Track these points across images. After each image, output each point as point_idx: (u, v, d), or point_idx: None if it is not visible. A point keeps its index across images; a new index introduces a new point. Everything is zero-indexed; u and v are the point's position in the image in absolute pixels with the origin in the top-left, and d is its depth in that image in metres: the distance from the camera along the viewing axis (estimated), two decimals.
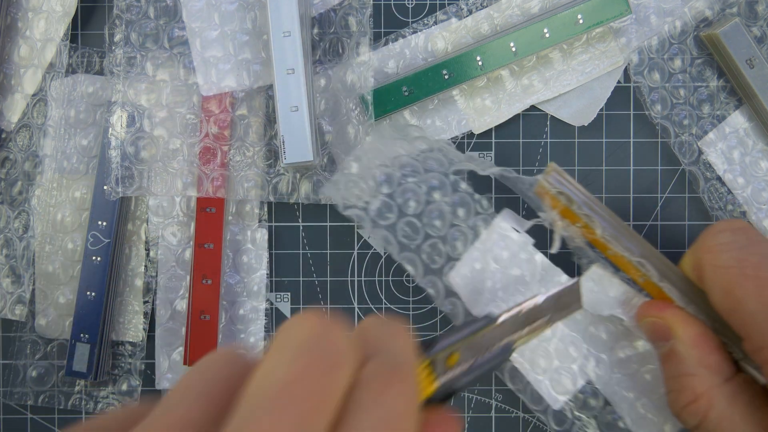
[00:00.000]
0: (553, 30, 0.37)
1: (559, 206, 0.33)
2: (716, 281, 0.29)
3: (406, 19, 0.40)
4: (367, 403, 0.20)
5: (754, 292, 0.28)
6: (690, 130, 0.39)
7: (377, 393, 0.20)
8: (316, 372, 0.19)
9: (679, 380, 0.30)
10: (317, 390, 0.19)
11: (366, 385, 0.20)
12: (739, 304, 0.28)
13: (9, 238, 0.40)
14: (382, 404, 0.20)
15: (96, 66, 0.40)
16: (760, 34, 0.39)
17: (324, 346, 0.20)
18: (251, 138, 0.39)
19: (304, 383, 0.19)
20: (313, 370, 0.19)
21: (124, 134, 0.39)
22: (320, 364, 0.19)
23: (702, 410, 0.29)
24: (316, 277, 0.40)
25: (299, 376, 0.19)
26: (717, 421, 0.29)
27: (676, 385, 0.30)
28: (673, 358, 0.30)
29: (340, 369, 0.20)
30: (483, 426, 0.40)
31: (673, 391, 0.30)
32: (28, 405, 0.40)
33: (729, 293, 0.28)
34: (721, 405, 0.29)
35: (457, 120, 0.40)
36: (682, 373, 0.30)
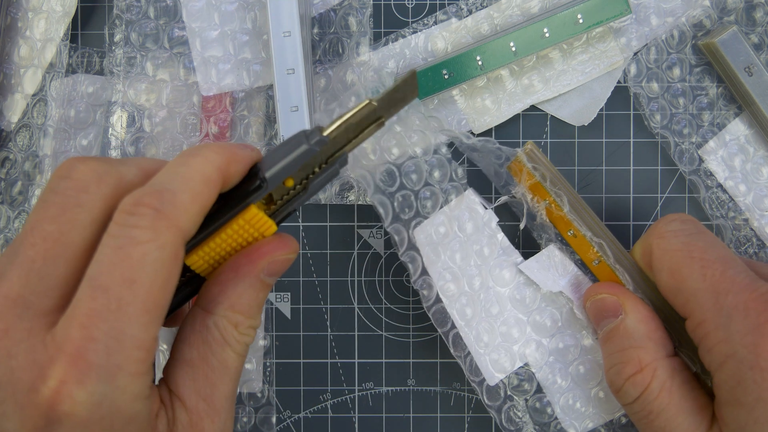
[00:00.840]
0: (553, 30, 0.37)
1: (531, 181, 0.35)
2: (665, 263, 0.31)
3: (406, 19, 0.40)
4: (105, 241, 0.22)
5: (698, 272, 0.30)
6: (690, 138, 0.39)
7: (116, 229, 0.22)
8: (44, 221, 0.23)
9: (625, 353, 0.32)
10: (46, 236, 0.22)
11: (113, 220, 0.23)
12: (684, 282, 0.30)
13: (9, 238, 0.40)
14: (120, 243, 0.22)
15: (96, 66, 0.40)
16: (758, 41, 0.39)
17: (62, 188, 0.23)
18: (251, 138, 0.39)
19: (32, 236, 0.22)
20: (42, 220, 0.23)
21: (124, 134, 0.39)
22: (50, 212, 0.23)
23: (646, 380, 0.31)
24: (316, 277, 0.40)
25: (30, 229, 0.23)
26: (657, 392, 0.31)
27: (621, 358, 0.32)
28: (620, 333, 0.32)
29: (76, 208, 0.23)
30: (483, 426, 0.40)
31: (618, 363, 0.32)
32: None
33: (676, 273, 0.31)
34: (663, 376, 0.31)
35: (457, 120, 0.40)
36: (628, 346, 0.32)
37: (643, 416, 0.31)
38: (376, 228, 0.40)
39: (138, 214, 0.22)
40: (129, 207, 0.23)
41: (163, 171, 0.24)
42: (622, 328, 0.32)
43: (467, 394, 0.40)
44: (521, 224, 0.36)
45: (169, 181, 0.24)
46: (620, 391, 0.32)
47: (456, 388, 0.40)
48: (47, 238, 0.23)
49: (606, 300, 0.33)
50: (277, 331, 0.40)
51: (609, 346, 0.33)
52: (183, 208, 0.23)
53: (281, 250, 0.27)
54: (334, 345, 0.40)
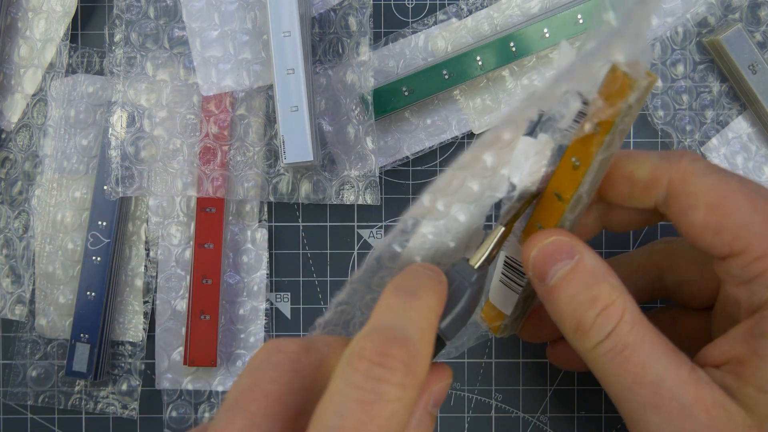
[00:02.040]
0: (553, 30, 0.37)
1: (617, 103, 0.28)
2: (700, 200, 0.28)
3: (406, 19, 0.40)
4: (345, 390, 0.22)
5: (746, 205, 0.28)
6: (693, 135, 0.39)
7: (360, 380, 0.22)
8: (263, 382, 0.24)
9: (591, 289, 0.28)
10: (266, 394, 0.23)
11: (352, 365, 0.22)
12: (729, 218, 0.28)
13: (9, 238, 0.40)
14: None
15: (96, 66, 0.40)
16: (762, 39, 0.39)
17: (272, 360, 0.24)
18: (251, 138, 0.39)
19: (252, 393, 0.23)
20: (259, 382, 0.24)
21: (124, 134, 0.39)
22: (266, 376, 0.24)
23: (618, 311, 0.28)
24: (316, 277, 0.40)
25: (247, 389, 0.24)
26: (631, 324, 0.28)
27: (588, 294, 0.28)
28: (580, 272, 0.28)
29: (290, 373, 0.24)
30: (483, 426, 0.40)
31: (585, 301, 0.28)
32: (28, 405, 0.40)
33: (717, 209, 0.28)
34: (634, 309, 0.28)
35: (457, 120, 0.40)
36: (593, 282, 0.28)
37: (616, 354, 0.28)
38: (376, 228, 0.40)
39: (387, 366, 0.22)
40: (374, 356, 0.22)
41: (387, 311, 0.24)
42: (582, 267, 0.28)
43: (467, 394, 0.40)
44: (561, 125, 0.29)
45: (404, 326, 0.23)
46: (590, 329, 0.28)
47: (456, 388, 0.40)
48: (268, 396, 0.23)
49: (558, 242, 0.29)
50: (277, 331, 0.40)
51: (567, 289, 0.28)
52: (424, 364, 0.23)
53: (439, 379, 0.26)
54: None
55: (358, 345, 0.22)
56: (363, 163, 0.39)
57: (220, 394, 0.40)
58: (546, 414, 0.40)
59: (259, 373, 0.24)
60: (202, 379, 0.40)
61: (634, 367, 0.27)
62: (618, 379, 0.28)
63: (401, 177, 0.40)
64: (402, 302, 0.24)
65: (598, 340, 0.28)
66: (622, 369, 0.28)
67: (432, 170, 0.40)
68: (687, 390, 0.27)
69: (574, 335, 0.29)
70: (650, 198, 0.29)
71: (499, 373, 0.40)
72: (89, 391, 0.40)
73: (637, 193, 0.30)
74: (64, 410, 0.40)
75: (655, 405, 0.27)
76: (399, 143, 0.40)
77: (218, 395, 0.40)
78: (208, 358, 0.38)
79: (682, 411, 0.27)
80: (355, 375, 0.22)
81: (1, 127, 0.40)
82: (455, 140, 0.40)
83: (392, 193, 0.40)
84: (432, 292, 0.25)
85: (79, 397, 0.40)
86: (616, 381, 0.28)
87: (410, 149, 0.40)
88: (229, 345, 0.40)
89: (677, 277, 0.33)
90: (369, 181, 0.39)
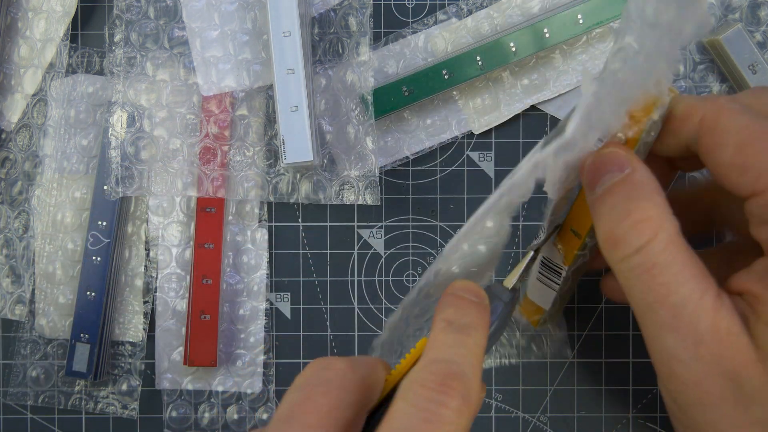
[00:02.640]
0: (553, 30, 0.37)
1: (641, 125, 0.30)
2: (731, 139, 0.28)
3: (406, 19, 0.40)
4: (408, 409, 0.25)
5: None
6: None
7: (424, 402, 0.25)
8: (314, 396, 0.25)
9: (631, 202, 0.28)
10: (318, 407, 0.25)
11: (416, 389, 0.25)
12: (756, 157, 0.28)
13: (9, 238, 0.40)
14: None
15: (96, 66, 0.40)
16: (762, 39, 0.39)
17: (321, 376, 0.26)
18: (251, 138, 0.39)
19: (305, 406, 0.25)
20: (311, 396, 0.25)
21: (124, 134, 0.39)
22: (317, 390, 0.25)
23: (653, 228, 0.28)
24: (316, 277, 0.40)
25: (299, 403, 0.25)
26: (665, 243, 0.28)
27: (626, 206, 0.28)
28: (627, 184, 0.29)
29: (338, 389, 0.25)
30: (483, 426, 0.40)
31: (622, 211, 0.28)
32: (28, 405, 0.40)
33: (745, 148, 0.28)
34: (671, 230, 0.28)
35: (457, 120, 0.40)
36: (636, 197, 0.28)
37: (644, 271, 0.28)
38: (376, 228, 0.40)
39: (448, 394, 0.24)
40: (436, 385, 0.25)
41: (443, 347, 0.26)
42: (629, 180, 0.29)
43: None
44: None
45: (459, 362, 0.26)
46: (621, 240, 0.28)
47: None
48: (320, 409, 0.25)
49: (614, 153, 0.29)
50: (277, 331, 0.40)
51: (610, 199, 0.29)
52: (478, 395, 0.26)
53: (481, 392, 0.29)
54: (334, 345, 0.40)
55: (420, 375, 0.25)
56: (363, 163, 0.39)
57: (220, 394, 0.40)
58: (546, 414, 0.40)
59: (309, 388, 0.25)
60: (202, 379, 0.40)
61: (659, 287, 0.28)
62: (642, 297, 0.28)
63: (401, 177, 0.40)
64: (455, 339, 0.26)
65: (626, 253, 0.28)
66: (646, 287, 0.28)
67: (432, 170, 0.40)
68: (706, 316, 0.27)
69: (605, 245, 0.29)
70: (682, 135, 0.30)
71: (499, 373, 0.40)
72: (89, 391, 0.40)
73: (671, 130, 0.30)
74: (64, 410, 0.40)
75: (673, 327, 0.28)
76: (399, 143, 0.40)
77: (218, 395, 0.40)
78: (208, 358, 0.38)
79: (697, 336, 0.27)
80: (419, 399, 0.24)
81: (1, 127, 0.40)
82: (455, 140, 0.40)
83: (392, 193, 0.40)
84: (481, 330, 0.27)
85: (79, 397, 0.40)
86: (639, 298, 0.28)
87: (410, 149, 0.40)
88: (229, 345, 0.40)
89: (725, 211, 0.33)
90: (369, 181, 0.39)
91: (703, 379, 0.27)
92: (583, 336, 0.40)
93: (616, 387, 0.40)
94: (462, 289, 0.28)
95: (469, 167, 0.40)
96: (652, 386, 0.40)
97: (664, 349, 0.28)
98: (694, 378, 0.28)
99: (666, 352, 0.28)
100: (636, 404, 0.40)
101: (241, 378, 0.40)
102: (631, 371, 0.40)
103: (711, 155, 0.29)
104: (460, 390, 0.25)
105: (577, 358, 0.40)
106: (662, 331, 0.28)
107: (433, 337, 0.27)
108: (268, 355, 0.40)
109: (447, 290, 0.29)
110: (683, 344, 0.27)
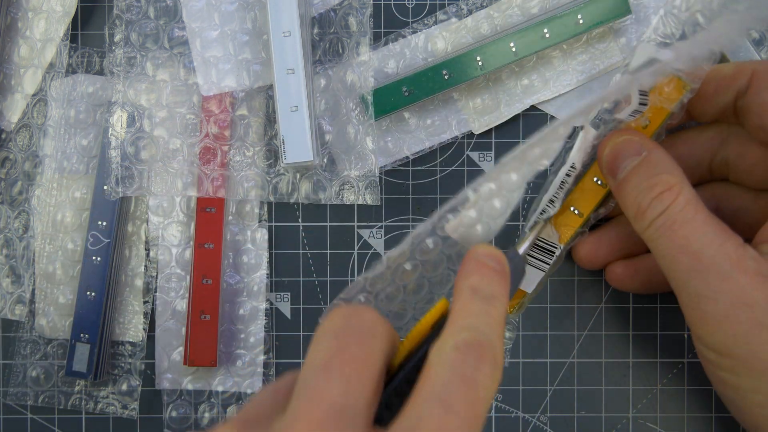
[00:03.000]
0: (553, 30, 0.37)
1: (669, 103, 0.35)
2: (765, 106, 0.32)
3: (406, 19, 0.40)
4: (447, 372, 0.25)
5: None
6: None
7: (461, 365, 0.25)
8: (350, 345, 0.24)
9: (652, 179, 0.32)
10: (355, 357, 0.24)
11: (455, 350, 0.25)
12: None
13: (9, 238, 0.40)
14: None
15: (96, 66, 0.40)
16: (758, 37, 0.39)
17: (353, 325, 0.25)
18: (251, 138, 0.39)
19: (342, 355, 0.24)
20: (346, 345, 0.24)
21: (124, 134, 0.39)
22: (351, 340, 0.25)
23: (673, 195, 0.32)
24: (316, 277, 0.40)
25: (336, 351, 0.24)
26: (684, 204, 0.31)
27: (649, 183, 0.32)
28: (646, 165, 0.33)
29: (372, 338, 0.25)
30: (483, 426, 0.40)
31: (646, 188, 0.32)
32: (28, 405, 0.40)
33: None
34: (689, 194, 0.32)
35: (457, 120, 0.40)
36: (655, 173, 0.32)
37: (666, 228, 0.31)
38: (376, 228, 0.40)
39: (481, 360, 0.25)
40: (470, 351, 0.25)
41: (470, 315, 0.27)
42: (647, 161, 0.33)
43: None
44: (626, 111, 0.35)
45: (487, 332, 0.26)
46: (647, 210, 0.32)
47: None
48: (357, 359, 0.24)
49: (629, 140, 0.33)
50: (277, 331, 0.40)
51: (633, 180, 0.33)
52: (502, 361, 0.27)
53: None
54: None
55: (453, 341, 0.25)
56: (363, 163, 0.39)
57: (220, 394, 0.40)
58: (546, 414, 0.40)
59: (344, 337, 0.25)
60: (202, 379, 0.40)
61: (680, 239, 0.31)
62: (666, 251, 0.32)
63: (401, 177, 0.40)
64: (482, 309, 0.27)
65: (652, 218, 0.32)
66: (669, 240, 0.31)
67: (432, 170, 0.40)
68: (728, 258, 0.30)
69: (635, 219, 0.33)
70: (732, 88, 0.33)
71: None
72: (89, 391, 0.40)
73: (721, 85, 0.34)
74: (64, 410, 0.40)
75: (697, 270, 0.31)
76: (399, 143, 0.40)
77: (218, 395, 0.40)
78: (208, 358, 0.38)
79: (721, 274, 0.30)
80: (455, 363, 0.25)
81: (1, 127, 0.40)
82: (455, 140, 0.40)
83: (392, 193, 0.40)
84: (503, 299, 0.28)
85: (79, 397, 0.40)
86: (665, 252, 0.32)
87: (410, 149, 0.40)
88: (229, 345, 0.40)
89: (732, 151, 0.35)
90: (369, 181, 0.39)
91: (731, 310, 0.30)
92: (583, 336, 0.40)
93: (616, 387, 0.40)
94: (486, 255, 0.29)
95: (469, 167, 0.40)
96: (652, 386, 0.40)
97: (691, 292, 0.31)
98: (722, 310, 0.30)
99: (694, 294, 0.31)
100: (636, 404, 0.40)
101: (241, 378, 0.40)
102: (631, 371, 0.40)
103: (756, 97, 0.33)
104: (490, 358, 0.25)
105: (577, 358, 0.40)
106: (688, 276, 0.31)
107: (461, 305, 0.27)
108: (268, 355, 0.40)
109: (470, 254, 0.29)
110: (707, 282, 0.30)
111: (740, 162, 0.35)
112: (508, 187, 0.31)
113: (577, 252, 0.37)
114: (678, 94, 0.34)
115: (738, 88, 0.33)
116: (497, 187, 0.31)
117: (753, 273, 0.30)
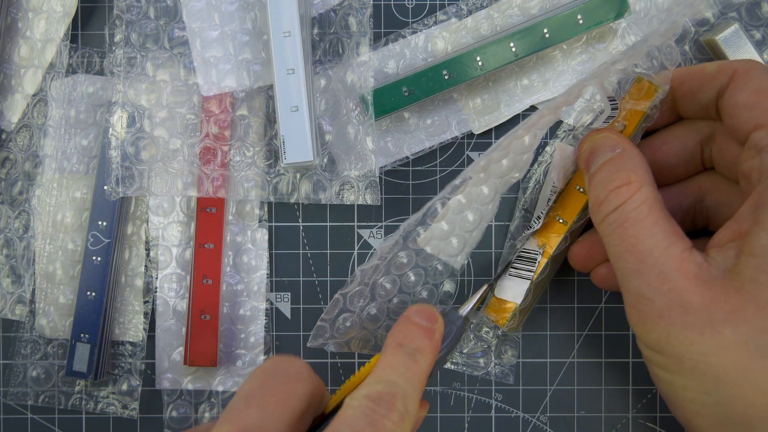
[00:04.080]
0: (553, 30, 0.37)
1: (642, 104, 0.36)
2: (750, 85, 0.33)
3: (406, 19, 0.40)
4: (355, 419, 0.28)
5: None
6: None
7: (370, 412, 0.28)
8: (274, 384, 0.28)
9: (616, 173, 0.33)
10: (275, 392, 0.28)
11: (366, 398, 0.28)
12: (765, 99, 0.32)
13: (9, 238, 0.40)
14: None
15: (96, 66, 0.40)
16: (761, 38, 0.39)
17: (281, 369, 0.29)
18: (251, 138, 0.39)
19: (265, 389, 0.28)
20: (271, 383, 0.28)
21: (124, 134, 0.39)
22: (276, 380, 0.28)
23: (631, 191, 0.32)
24: (316, 277, 0.40)
25: (260, 387, 0.28)
26: (639, 203, 0.32)
27: (612, 176, 0.33)
28: (616, 161, 0.33)
29: (295, 382, 0.28)
30: (483, 426, 0.40)
31: (607, 181, 0.33)
32: (28, 405, 0.40)
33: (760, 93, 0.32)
34: (647, 193, 0.32)
35: (457, 120, 0.40)
36: (621, 168, 0.33)
37: (618, 225, 0.32)
38: (376, 228, 0.40)
39: (390, 409, 0.28)
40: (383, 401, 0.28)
41: (390, 369, 0.30)
42: (618, 157, 0.33)
43: (467, 394, 0.40)
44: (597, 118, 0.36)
45: (403, 385, 0.29)
46: (603, 202, 0.33)
47: (456, 388, 0.40)
48: (277, 393, 0.28)
49: (607, 137, 0.34)
50: (277, 331, 0.40)
51: (600, 173, 0.34)
52: (415, 410, 0.29)
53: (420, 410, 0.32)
54: None
55: (368, 390, 0.28)
56: (363, 163, 0.39)
57: (220, 394, 0.40)
58: (546, 414, 0.40)
59: (269, 376, 0.28)
60: (202, 379, 0.40)
61: (629, 237, 0.32)
62: (615, 248, 0.32)
63: (401, 177, 0.40)
64: (403, 363, 0.30)
65: (607, 212, 0.33)
66: (619, 238, 0.32)
67: (432, 170, 0.40)
68: (671, 261, 0.31)
69: (593, 210, 0.34)
70: (714, 86, 0.34)
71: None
72: (89, 391, 0.40)
73: (704, 83, 0.34)
74: (64, 410, 0.40)
75: (639, 270, 0.31)
76: (399, 143, 0.40)
77: (218, 395, 0.40)
78: (208, 358, 0.38)
79: (661, 276, 0.31)
80: (365, 409, 0.28)
81: (2, 127, 0.40)
82: (455, 140, 0.40)
83: (392, 193, 0.40)
84: (429, 354, 0.31)
85: (79, 397, 0.40)
86: (614, 249, 0.32)
87: (410, 149, 0.40)
88: (229, 345, 0.40)
89: (715, 146, 0.36)
90: (369, 181, 0.39)
91: (666, 310, 0.31)
92: (583, 336, 0.40)
93: (616, 387, 0.40)
94: (417, 313, 0.32)
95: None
96: (652, 386, 0.40)
97: (632, 291, 0.32)
98: (658, 310, 0.31)
99: (634, 293, 0.32)
100: (636, 404, 0.40)
101: (241, 378, 0.40)
102: (631, 371, 0.40)
103: (731, 97, 0.33)
104: (401, 408, 0.28)
105: (577, 358, 0.40)
106: (630, 275, 0.32)
107: (384, 358, 0.30)
108: (268, 355, 0.40)
109: (403, 313, 0.32)
110: (647, 283, 0.31)
111: (720, 157, 0.35)
112: (479, 200, 0.35)
113: (571, 255, 0.38)
114: (650, 96, 0.35)
115: (719, 86, 0.34)
116: (467, 200, 0.34)
117: (693, 277, 0.30)
